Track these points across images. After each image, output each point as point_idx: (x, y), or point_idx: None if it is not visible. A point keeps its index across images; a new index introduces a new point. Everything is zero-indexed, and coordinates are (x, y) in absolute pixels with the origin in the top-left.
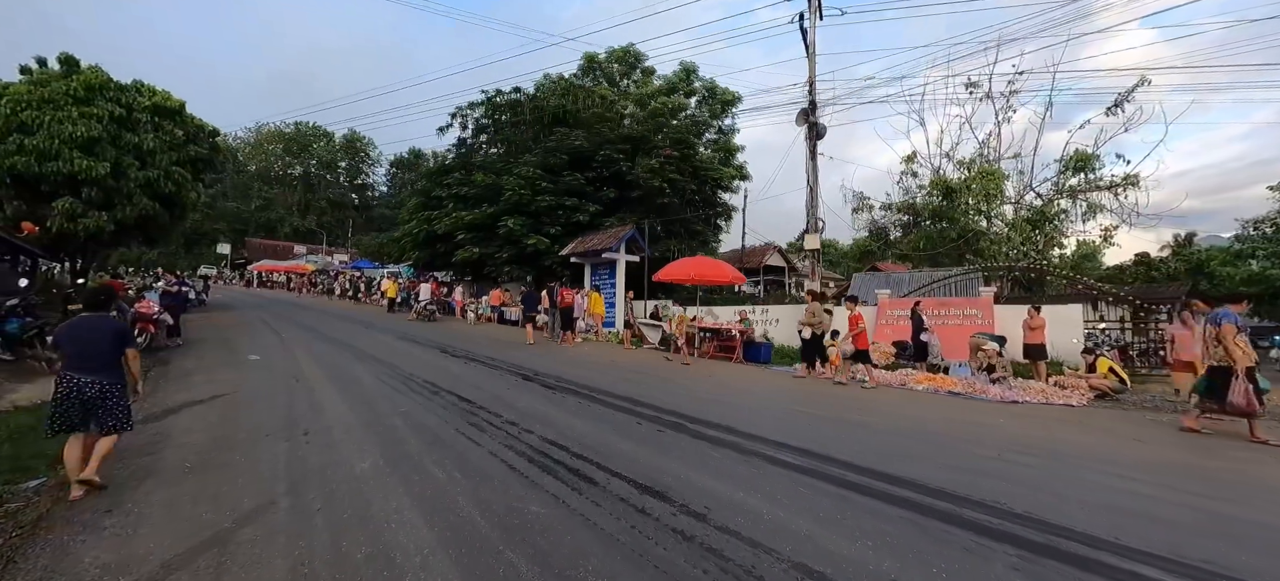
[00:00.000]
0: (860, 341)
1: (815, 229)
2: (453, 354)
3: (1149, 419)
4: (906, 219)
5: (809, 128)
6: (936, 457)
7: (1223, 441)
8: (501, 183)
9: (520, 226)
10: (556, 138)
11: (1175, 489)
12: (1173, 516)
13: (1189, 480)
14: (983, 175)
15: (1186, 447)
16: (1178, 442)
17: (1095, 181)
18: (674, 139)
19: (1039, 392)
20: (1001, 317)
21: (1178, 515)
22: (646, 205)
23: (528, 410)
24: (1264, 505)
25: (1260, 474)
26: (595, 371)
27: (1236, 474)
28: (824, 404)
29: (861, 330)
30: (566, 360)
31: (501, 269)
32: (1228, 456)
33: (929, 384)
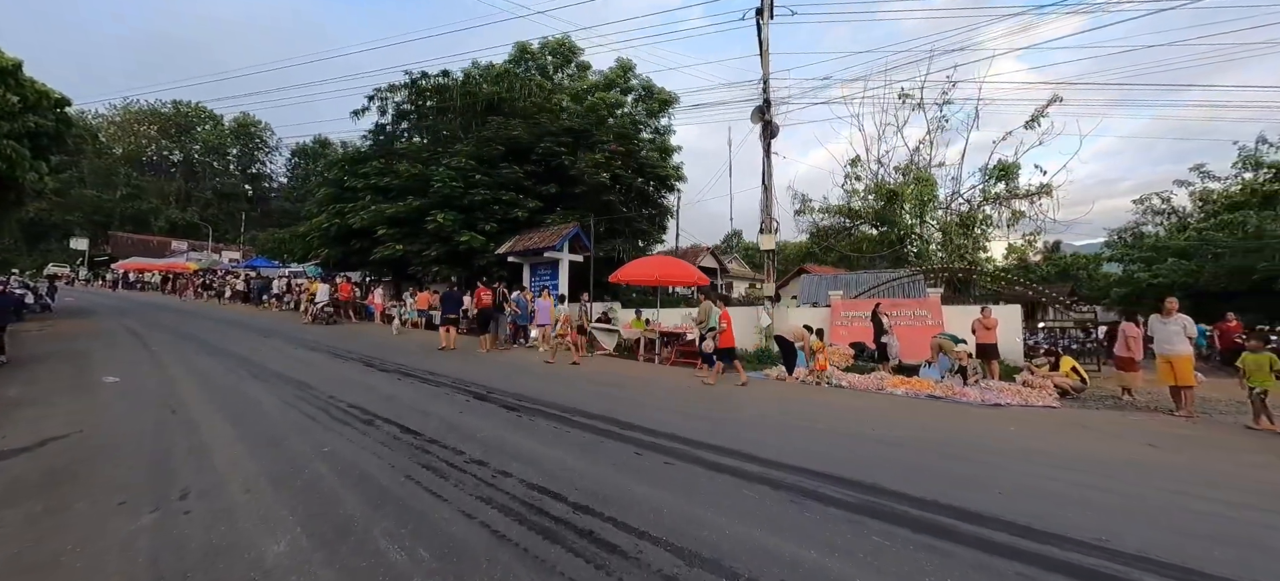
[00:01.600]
0: (724, 340)
1: (769, 229)
2: (381, 368)
3: (1141, 419)
4: (845, 222)
5: (764, 126)
6: (995, 481)
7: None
8: (429, 173)
9: (451, 221)
10: (491, 127)
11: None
12: None
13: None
14: (918, 181)
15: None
16: (1238, 450)
17: (1014, 189)
18: (618, 134)
19: (1015, 394)
20: (948, 317)
21: None
22: (590, 202)
23: (495, 441)
24: None
25: None
26: (557, 384)
27: None
28: (817, 413)
29: (726, 328)
30: (517, 371)
31: (429, 268)
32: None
33: (905, 387)
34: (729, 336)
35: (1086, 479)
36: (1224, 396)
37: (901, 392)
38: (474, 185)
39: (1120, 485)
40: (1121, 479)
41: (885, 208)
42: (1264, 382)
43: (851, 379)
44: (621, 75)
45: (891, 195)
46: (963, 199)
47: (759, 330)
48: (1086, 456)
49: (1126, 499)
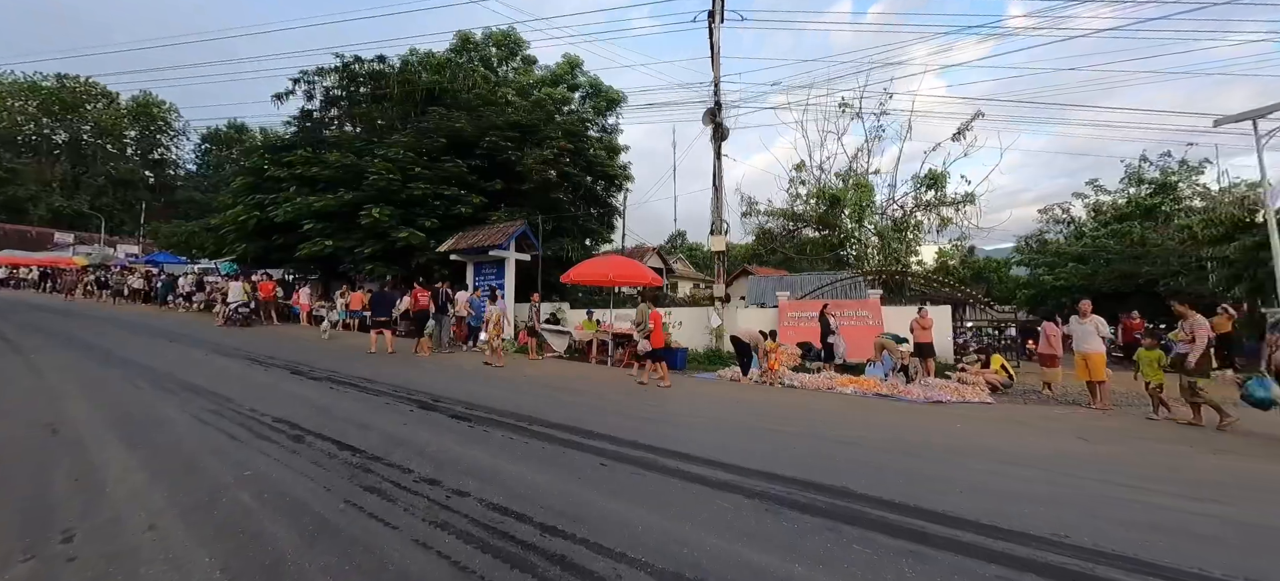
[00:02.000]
0: (655, 340)
1: (720, 230)
2: (310, 375)
3: (1064, 413)
4: (789, 225)
5: (714, 128)
6: (955, 480)
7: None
8: (364, 165)
9: (387, 217)
10: (432, 118)
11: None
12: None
13: (1242, 493)
14: (858, 187)
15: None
16: (1153, 440)
17: (942, 198)
18: (567, 130)
19: (953, 391)
20: (887, 317)
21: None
22: (537, 199)
23: (446, 456)
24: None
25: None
26: (509, 390)
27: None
28: (776, 415)
29: (657, 328)
30: (464, 376)
31: (362, 266)
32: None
33: (853, 386)
34: (658, 336)
35: (1033, 473)
36: (1125, 389)
37: (850, 391)
38: (413, 179)
39: (1064, 478)
40: (1063, 472)
41: (827, 212)
42: (1156, 377)
43: (803, 379)
44: (568, 71)
45: (834, 199)
46: (897, 204)
47: (710, 331)
48: (1029, 451)
49: (1072, 492)
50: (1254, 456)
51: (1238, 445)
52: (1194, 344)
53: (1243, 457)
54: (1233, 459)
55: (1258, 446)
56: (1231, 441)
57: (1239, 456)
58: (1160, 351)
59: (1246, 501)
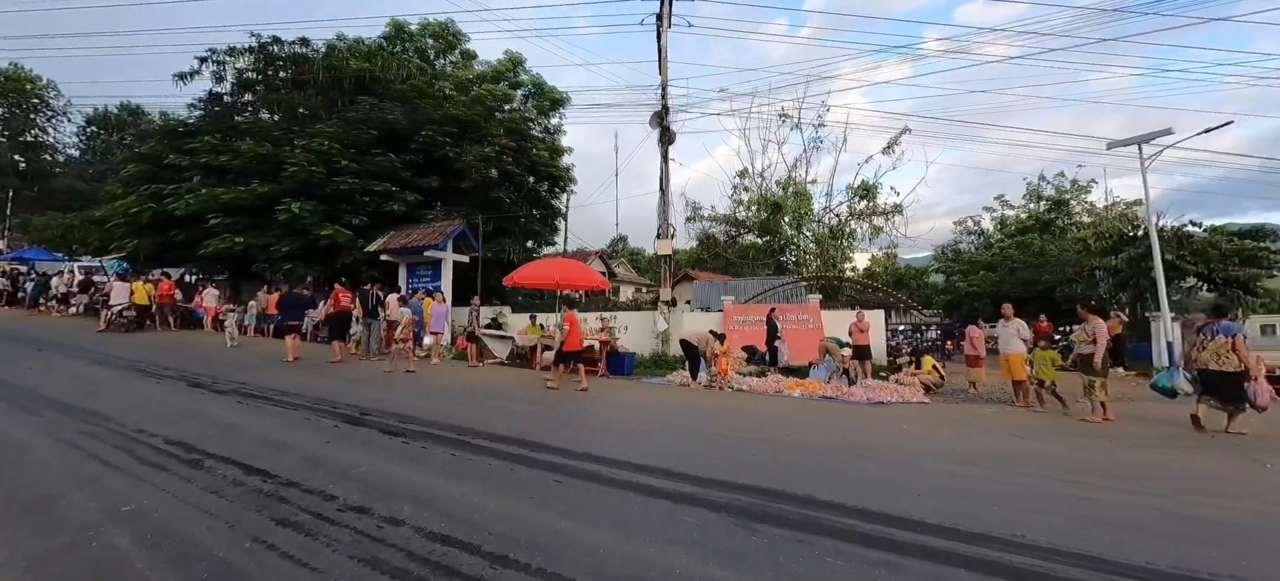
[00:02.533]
0: (570, 343)
1: (666, 234)
2: (213, 388)
3: (994, 411)
4: (731, 231)
5: (661, 131)
6: (913, 483)
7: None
8: (282, 155)
9: (309, 212)
10: (362, 109)
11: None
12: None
13: (1164, 483)
14: (797, 195)
15: (1151, 448)
16: (1079, 435)
17: (873, 207)
18: (509, 128)
19: (892, 392)
20: (826, 321)
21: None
22: (477, 199)
23: (377, 479)
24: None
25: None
26: (447, 400)
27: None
28: (729, 420)
29: (573, 330)
30: (396, 386)
31: (279, 266)
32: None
33: (800, 389)
34: (574, 339)
35: (983, 472)
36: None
37: (797, 394)
38: (339, 172)
39: (1011, 477)
40: (1009, 470)
41: (769, 218)
42: (1049, 375)
43: (751, 382)
44: (510, 68)
45: (775, 206)
46: (832, 212)
47: (656, 335)
48: (974, 451)
49: (1021, 491)
50: (1159, 446)
51: (1144, 437)
52: (1096, 345)
53: (1152, 449)
54: (1146, 451)
55: (1153, 437)
56: (1129, 432)
57: (1149, 448)
58: (1055, 352)
59: (1171, 492)
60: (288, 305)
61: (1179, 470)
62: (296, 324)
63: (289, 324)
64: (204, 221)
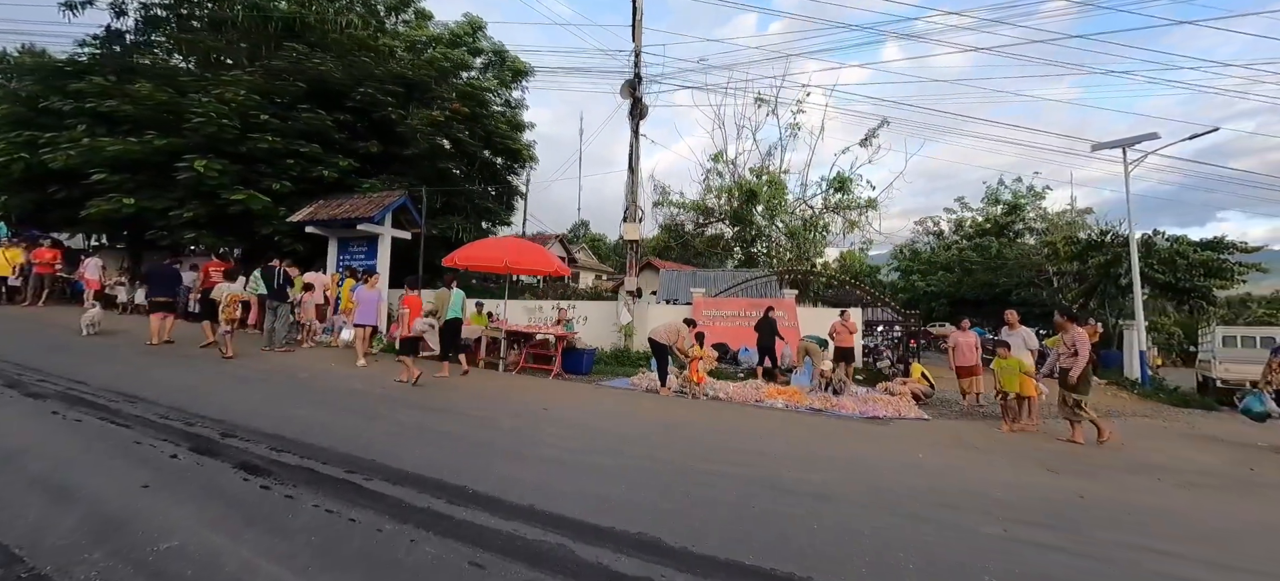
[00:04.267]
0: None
1: (635, 217)
2: (32, 388)
3: (1006, 435)
4: (700, 219)
5: (632, 103)
6: (972, 556)
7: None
8: (187, 103)
9: (218, 172)
10: (288, 57)
11: None
12: None
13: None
14: (771, 184)
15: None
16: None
17: (847, 201)
18: (462, 92)
19: (886, 405)
20: (803, 319)
21: None
22: (424, 169)
23: (199, 556)
24: None
25: None
26: (356, 413)
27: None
28: (721, 445)
29: (413, 314)
30: (295, 390)
31: (181, 234)
32: None
33: (783, 398)
34: (410, 326)
35: (1052, 536)
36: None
37: (781, 405)
38: (257, 128)
39: (1084, 541)
40: (1078, 529)
41: (742, 207)
42: (1012, 386)
43: (730, 390)
44: (470, 33)
45: (751, 193)
46: (806, 204)
47: (619, 328)
48: (1021, 496)
49: (1114, 567)
50: (1206, 487)
51: (1189, 474)
52: (1077, 357)
53: (1206, 492)
54: (1204, 495)
55: (1201, 475)
56: (1162, 465)
57: (1198, 490)
58: (1017, 361)
59: (1267, 555)
60: (155, 278)
61: (1250, 522)
62: (167, 301)
63: (157, 300)
64: (87, 177)
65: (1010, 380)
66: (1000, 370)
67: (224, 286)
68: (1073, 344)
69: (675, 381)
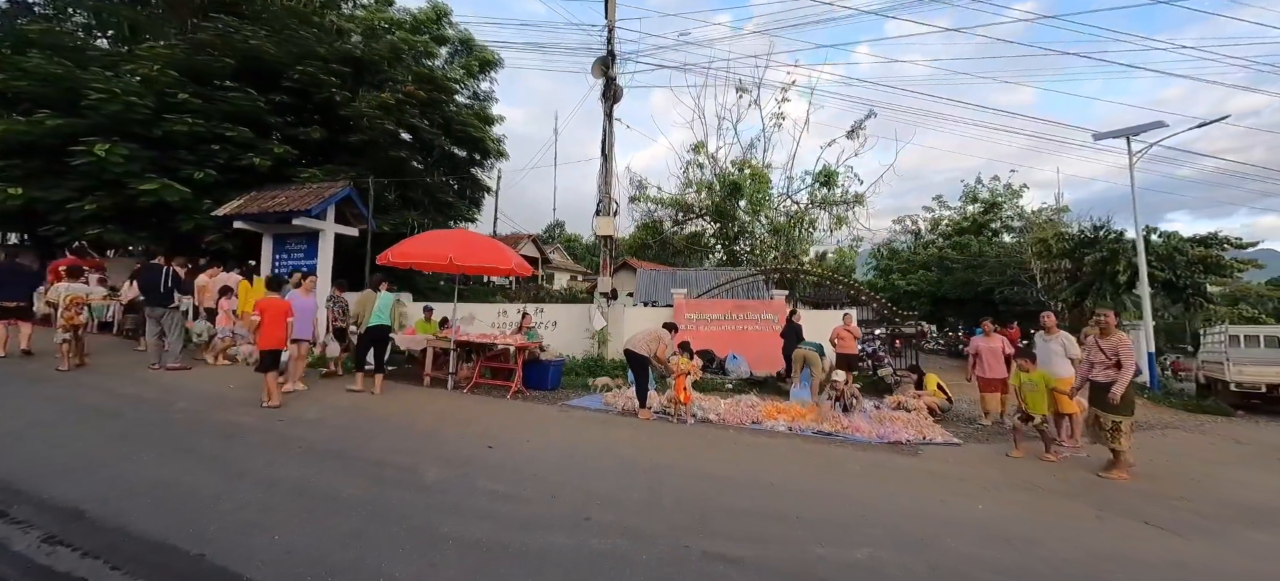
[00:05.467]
0: (265, 337)
1: (608, 210)
2: None
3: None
4: (678, 215)
5: (605, 83)
6: None
7: None
8: (86, 78)
9: (123, 159)
10: (212, 30)
11: None
12: None
13: None
14: (755, 177)
15: None
16: None
17: (832, 196)
18: (420, 75)
19: (905, 424)
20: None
21: None
22: (375, 158)
23: None
24: None
25: None
26: (213, 464)
27: None
28: (722, 498)
29: (260, 321)
30: (149, 416)
31: (83, 230)
32: None
33: (785, 417)
34: (269, 333)
35: None
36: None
37: (784, 428)
38: (175, 108)
39: None
40: None
41: (724, 202)
42: (1040, 407)
43: (721, 408)
44: (434, 20)
45: (734, 187)
46: (792, 199)
47: (591, 335)
48: (1146, 573)
49: None
50: None
51: None
52: (1120, 370)
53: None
54: None
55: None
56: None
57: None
58: (1042, 374)
59: None
60: (3, 280)
61: None
62: (18, 306)
63: (5, 305)
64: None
65: (1036, 400)
66: (1023, 387)
67: (62, 286)
68: (1114, 352)
69: (657, 400)
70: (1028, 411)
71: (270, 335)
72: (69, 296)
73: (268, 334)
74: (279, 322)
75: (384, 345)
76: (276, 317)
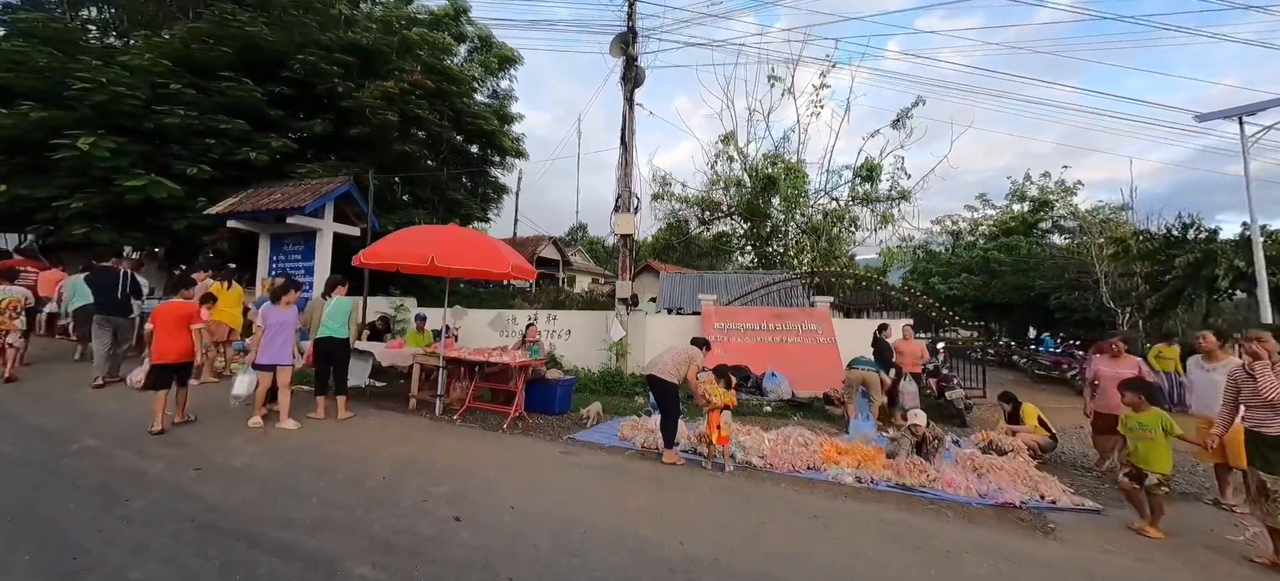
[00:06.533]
0: (160, 350)
1: (628, 205)
2: None
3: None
4: (704, 214)
5: (626, 63)
6: None
7: None
8: (73, 67)
9: (111, 153)
10: (212, 18)
11: None
12: None
13: None
14: (790, 172)
15: None
16: None
17: (874, 192)
18: (429, 65)
19: (1012, 477)
20: (842, 333)
21: None
22: (381, 153)
23: None
24: None
25: None
26: (54, 539)
27: None
28: None
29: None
30: (30, 451)
31: (70, 230)
32: None
33: (849, 463)
34: (161, 343)
35: None
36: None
37: (850, 479)
38: (168, 99)
39: None
40: None
41: (756, 199)
42: (1162, 464)
43: (765, 446)
44: (453, 17)
45: (768, 182)
46: (830, 196)
47: (609, 346)
48: None
49: None
50: None
51: None
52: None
53: None
54: None
55: None
56: None
57: None
58: (1162, 412)
59: None
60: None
61: None
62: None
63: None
64: None
65: (1159, 455)
66: (1134, 433)
67: (7, 289)
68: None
69: (686, 433)
70: (1139, 466)
71: (162, 345)
72: (7, 300)
73: (159, 344)
74: (175, 330)
75: (341, 360)
76: (170, 324)
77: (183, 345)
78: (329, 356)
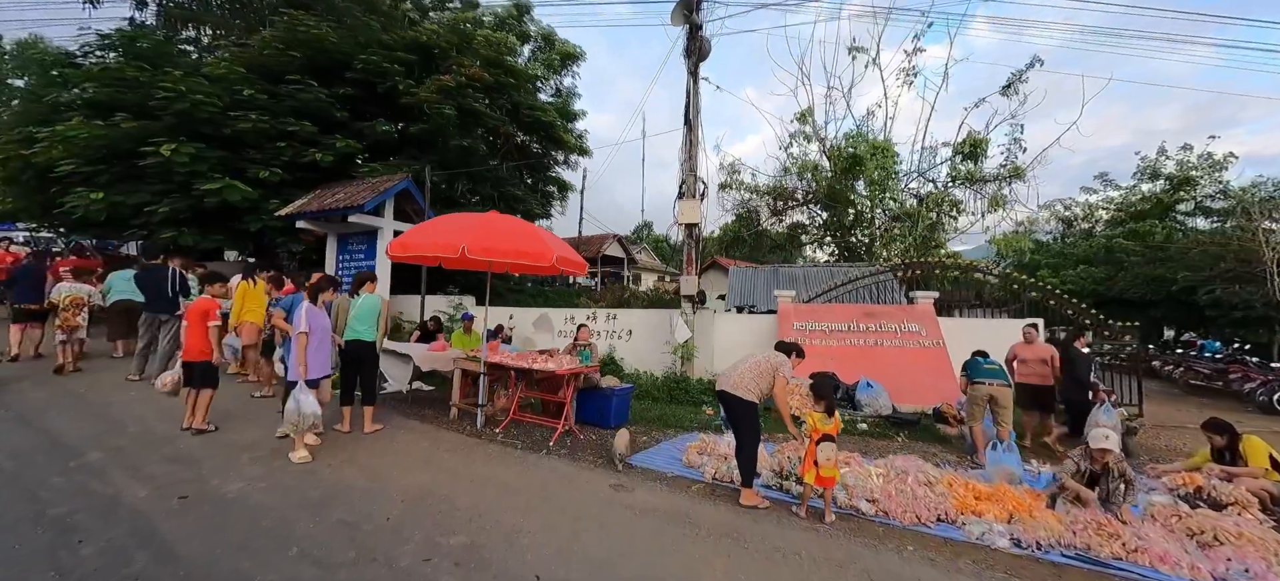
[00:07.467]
0: (190, 347)
1: (693, 191)
2: None
3: None
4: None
5: (689, 33)
6: None
7: None
8: (154, 79)
9: (191, 157)
10: (281, 24)
11: None
12: None
13: None
14: (877, 150)
15: None
16: None
17: (975, 172)
18: (487, 58)
19: (1243, 546)
20: (952, 334)
21: None
22: (442, 150)
23: None
24: None
25: None
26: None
27: None
28: None
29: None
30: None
31: (158, 234)
32: None
33: (994, 513)
34: (187, 339)
35: None
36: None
37: (1002, 540)
38: (242, 105)
39: None
40: None
41: (838, 181)
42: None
43: (875, 483)
44: (516, 17)
45: (853, 161)
46: (925, 177)
47: (673, 349)
48: None
49: None
50: None
51: None
52: None
53: None
54: None
55: None
56: None
57: None
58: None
59: None
60: (24, 281)
61: None
62: (35, 309)
63: (26, 307)
64: (70, 173)
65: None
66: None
67: (63, 286)
68: None
69: (766, 465)
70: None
71: (186, 341)
72: (69, 296)
73: (185, 341)
74: (194, 326)
75: (369, 366)
76: (192, 320)
77: (201, 343)
78: (357, 360)
